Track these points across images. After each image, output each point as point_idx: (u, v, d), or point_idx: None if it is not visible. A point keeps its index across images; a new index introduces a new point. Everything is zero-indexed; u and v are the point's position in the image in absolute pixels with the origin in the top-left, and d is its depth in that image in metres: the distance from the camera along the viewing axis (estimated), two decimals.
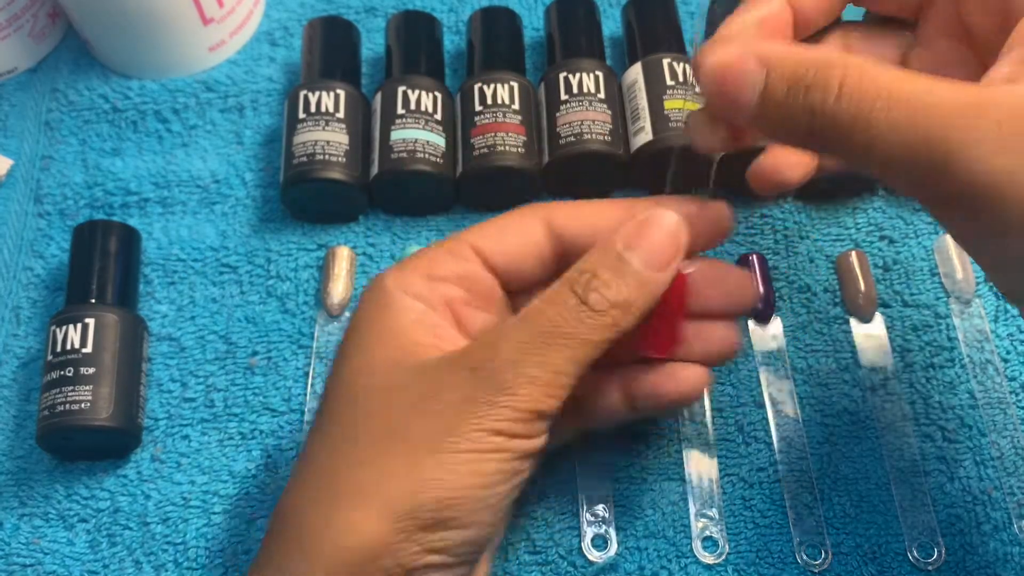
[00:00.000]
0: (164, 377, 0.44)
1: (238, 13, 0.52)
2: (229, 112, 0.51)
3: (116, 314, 0.42)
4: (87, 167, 0.49)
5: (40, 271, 0.47)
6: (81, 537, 0.40)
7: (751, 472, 0.41)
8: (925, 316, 0.44)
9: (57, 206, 0.48)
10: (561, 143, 0.45)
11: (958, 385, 0.42)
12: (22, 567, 0.40)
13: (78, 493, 0.41)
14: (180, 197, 0.48)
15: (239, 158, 0.49)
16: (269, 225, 0.47)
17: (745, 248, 0.46)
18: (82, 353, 0.40)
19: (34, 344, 0.45)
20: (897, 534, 0.39)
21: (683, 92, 0.46)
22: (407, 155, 0.45)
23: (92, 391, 0.40)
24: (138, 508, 0.41)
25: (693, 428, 0.41)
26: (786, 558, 0.39)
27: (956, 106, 0.26)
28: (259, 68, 0.52)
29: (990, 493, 0.40)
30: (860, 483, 0.40)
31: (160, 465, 0.42)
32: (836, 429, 0.41)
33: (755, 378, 0.43)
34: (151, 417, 0.43)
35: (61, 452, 0.42)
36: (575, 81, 0.46)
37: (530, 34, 0.53)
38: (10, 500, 0.41)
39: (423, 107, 0.46)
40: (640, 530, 0.40)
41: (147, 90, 0.51)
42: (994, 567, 0.38)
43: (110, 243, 0.44)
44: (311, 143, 0.45)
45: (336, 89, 0.46)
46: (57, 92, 0.52)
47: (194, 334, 0.45)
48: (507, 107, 0.46)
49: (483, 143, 0.45)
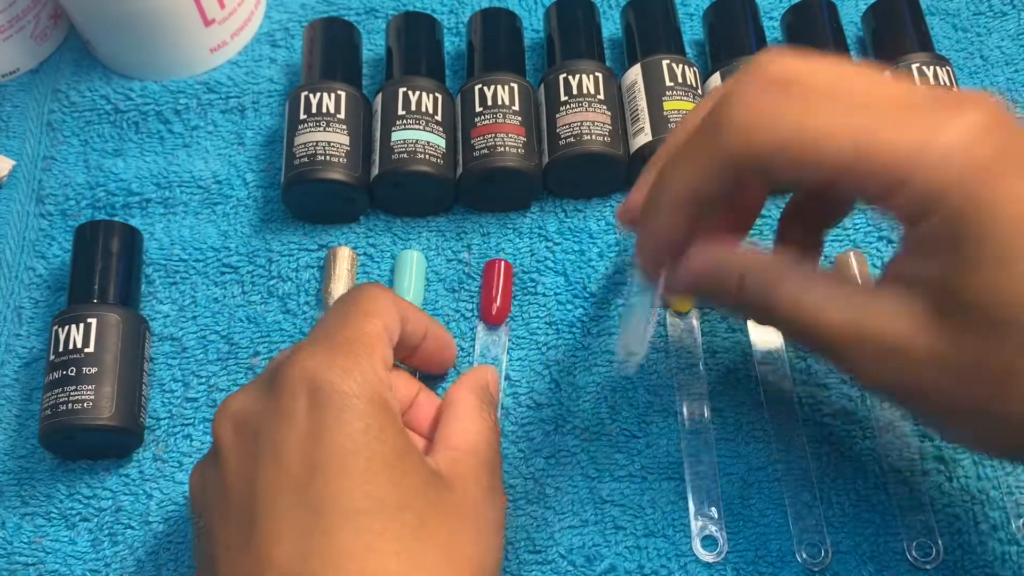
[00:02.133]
0: (166, 377, 0.44)
1: (239, 14, 0.52)
2: (230, 113, 0.51)
3: (118, 314, 0.42)
4: (89, 168, 0.50)
5: (42, 271, 0.47)
6: (83, 536, 0.41)
7: (750, 471, 0.41)
8: None
9: (59, 206, 0.49)
10: (561, 144, 0.45)
11: None
12: (24, 566, 0.40)
13: (80, 492, 0.41)
14: (182, 198, 0.48)
15: (240, 159, 0.50)
16: (270, 225, 0.47)
17: None
18: (84, 353, 0.41)
19: (36, 344, 0.45)
20: (896, 533, 0.39)
21: (683, 93, 0.46)
22: (408, 156, 0.45)
23: (94, 391, 0.40)
24: (140, 507, 0.41)
25: (693, 426, 0.42)
26: (785, 557, 0.39)
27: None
28: (260, 69, 0.52)
29: (988, 493, 0.40)
30: (859, 482, 0.40)
31: (162, 464, 0.42)
32: (835, 429, 0.42)
33: (754, 378, 0.43)
34: (153, 417, 0.43)
35: (63, 451, 0.42)
36: (575, 82, 0.46)
37: (530, 35, 0.53)
38: (12, 499, 0.41)
39: (423, 108, 0.46)
40: (640, 529, 0.40)
41: (149, 91, 0.51)
42: (992, 566, 0.39)
43: (112, 243, 0.44)
44: (312, 144, 0.45)
45: (337, 90, 0.46)
46: (59, 93, 0.52)
47: (196, 334, 0.45)
48: (507, 108, 0.46)
49: (483, 144, 0.45)
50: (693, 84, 0.47)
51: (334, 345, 0.33)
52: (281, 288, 0.46)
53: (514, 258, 0.46)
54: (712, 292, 0.33)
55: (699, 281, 0.33)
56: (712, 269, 0.32)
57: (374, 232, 0.47)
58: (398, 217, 0.47)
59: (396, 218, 0.47)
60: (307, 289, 0.46)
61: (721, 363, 0.43)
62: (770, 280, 0.31)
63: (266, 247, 0.47)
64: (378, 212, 0.48)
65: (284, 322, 0.45)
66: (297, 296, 0.45)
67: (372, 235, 0.47)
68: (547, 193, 0.48)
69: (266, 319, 0.45)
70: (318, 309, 0.45)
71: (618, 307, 0.45)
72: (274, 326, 0.45)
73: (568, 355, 0.44)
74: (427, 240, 0.47)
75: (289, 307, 0.45)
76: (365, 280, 0.46)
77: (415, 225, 0.47)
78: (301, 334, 0.44)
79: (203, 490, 0.33)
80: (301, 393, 0.31)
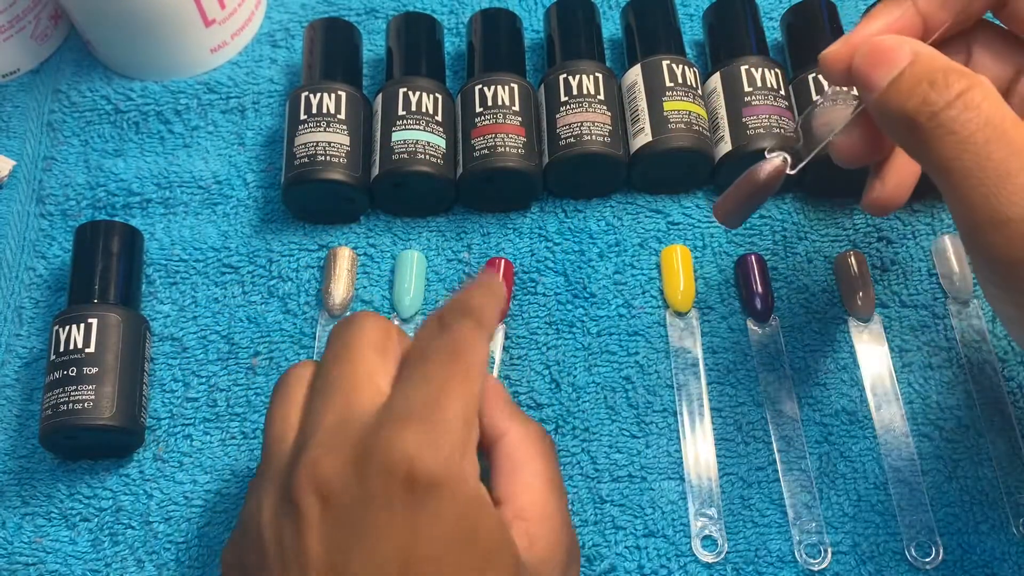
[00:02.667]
0: (166, 377, 0.44)
1: (240, 15, 0.52)
2: (231, 113, 0.51)
3: (119, 314, 0.42)
4: (89, 168, 0.50)
5: (42, 271, 0.47)
6: (83, 536, 0.41)
7: (750, 471, 0.41)
8: (923, 316, 0.44)
9: (59, 207, 0.49)
10: (561, 144, 0.45)
11: (956, 385, 0.42)
12: (24, 566, 0.40)
13: (80, 492, 0.41)
14: (182, 198, 0.48)
15: (240, 159, 0.50)
16: (270, 226, 0.48)
17: (744, 249, 0.46)
18: (85, 353, 0.41)
19: (36, 344, 0.45)
20: (895, 533, 0.39)
21: (683, 93, 0.46)
22: (408, 156, 0.45)
23: (95, 391, 0.40)
24: (140, 507, 0.41)
25: (692, 427, 0.42)
26: (785, 557, 0.39)
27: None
28: (260, 69, 0.52)
29: (988, 493, 0.40)
30: (858, 482, 0.40)
31: (162, 464, 0.42)
32: (834, 428, 0.42)
33: (754, 377, 0.43)
34: (153, 417, 0.43)
35: (64, 451, 0.42)
36: (575, 83, 0.46)
37: (530, 36, 0.53)
38: (13, 499, 0.41)
39: (424, 108, 0.46)
40: (640, 529, 0.40)
41: (149, 91, 0.51)
42: (992, 566, 0.39)
43: (112, 243, 0.44)
44: (312, 144, 0.45)
45: (337, 90, 0.46)
46: (59, 93, 0.52)
47: (196, 334, 0.45)
48: (507, 108, 0.46)
49: (483, 144, 0.45)
50: (693, 84, 0.47)
51: (435, 423, 0.30)
52: (281, 288, 0.46)
53: (514, 258, 0.46)
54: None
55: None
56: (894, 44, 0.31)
57: (374, 232, 0.47)
58: (398, 217, 0.47)
59: (396, 218, 0.47)
60: (307, 289, 0.46)
61: (721, 363, 0.43)
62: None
63: (266, 247, 0.47)
64: (378, 212, 0.48)
65: (284, 322, 0.45)
66: (297, 296, 0.45)
67: (372, 235, 0.47)
68: (547, 193, 0.48)
69: (266, 319, 0.45)
70: (318, 309, 0.45)
71: (618, 307, 0.45)
72: (274, 326, 0.45)
73: (568, 355, 0.44)
74: (427, 240, 0.47)
75: (289, 307, 0.45)
76: (365, 280, 0.46)
77: (415, 225, 0.47)
78: (302, 334, 0.44)
79: (276, 542, 0.30)
80: (398, 478, 0.29)
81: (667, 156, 0.45)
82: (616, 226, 0.47)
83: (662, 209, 0.47)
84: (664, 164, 0.45)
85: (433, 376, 0.31)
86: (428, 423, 0.30)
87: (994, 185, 0.29)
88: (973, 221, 0.30)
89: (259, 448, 0.42)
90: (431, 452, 0.29)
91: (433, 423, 0.30)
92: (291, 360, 0.44)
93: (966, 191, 0.29)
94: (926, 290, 0.45)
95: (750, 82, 0.46)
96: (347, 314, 0.45)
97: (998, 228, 0.29)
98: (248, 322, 0.45)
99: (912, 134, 0.30)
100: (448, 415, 0.30)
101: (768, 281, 0.45)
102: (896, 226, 0.46)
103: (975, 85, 0.30)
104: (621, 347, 0.44)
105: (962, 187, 0.29)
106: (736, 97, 0.46)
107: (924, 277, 0.45)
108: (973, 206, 0.29)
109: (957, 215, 0.31)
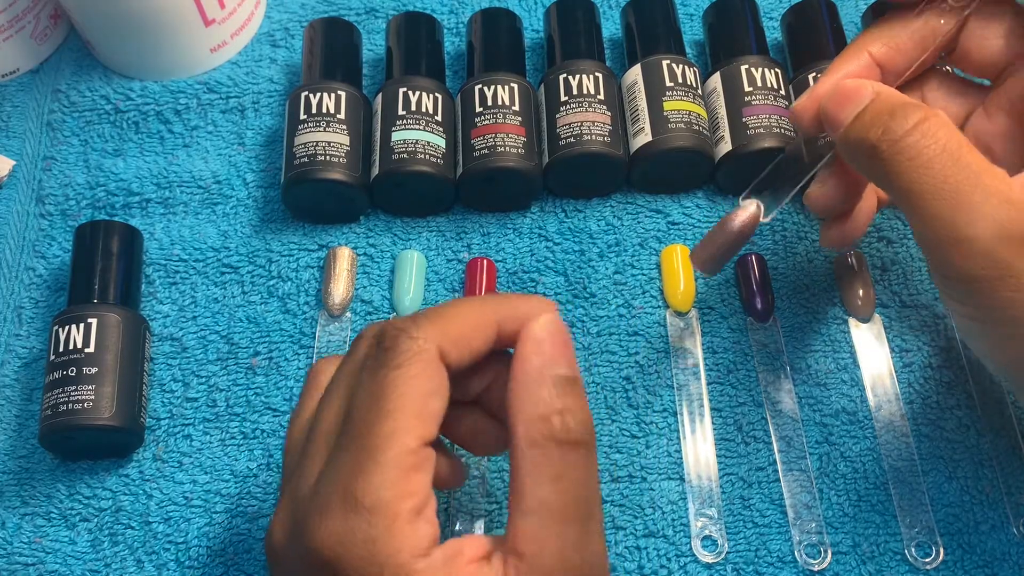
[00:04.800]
0: (166, 377, 0.44)
1: (239, 14, 0.52)
2: (230, 113, 0.51)
3: (118, 314, 0.42)
4: (89, 168, 0.50)
5: (42, 271, 0.47)
6: (83, 536, 0.41)
7: (750, 471, 0.41)
8: (923, 316, 0.44)
9: (59, 206, 0.49)
10: (561, 144, 0.45)
11: (956, 385, 0.42)
12: (24, 566, 0.40)
13: (80, 492, 0.41)
14: (182, 198, 0.48)
15: (240, 159, 0.50)
16: (270, 225, 0.47)
17: (745, 249, 0.46)
18: (84, 353, 0.41)
19: (36, 344, 0.45)
20: (895, 533, 0.39)
21: (683, 93, 0.46)
22: (408, 156, 0.45)
23: (94, 391, 0.40)
24: (140, 507, 0.41)
25: (692, 427, 0.42)
26: (785, 557, 0.39)
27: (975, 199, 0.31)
28: (260, 69, 0.52)
29: (988, 493, 0.40)
30: (859, 482, 0.40)
31: (162, 464, 0.42)
32: (835, 428, 0.42)
33: (754, 378, 0.43)
34: (153, 417, 0.43)
35: (63, 451, 0.42)
36: (575, 82, 0.46)
37: (530, 35, 0.53)
38: (12, 499, 0.41)
39: (424, 108, 0.46)
40: (640, 529, 0.40)
41: (149, 91, 0.51)
42: (992, 566, 0.39)
43: (112, 243, 0.44)
44: (312, 144, 0.45)
45: (337, 90, 0.46)
46: (59, 93, 0.52)
47: (196, 334, 0.45)
48: (507, 108, 0.46)
49: (483, 144, 0.45)
50: (693, 84, 0.47)
51: (356, 507, 0.28)
52: (281, 288, 0.46)
53: (514, 258, 0.46)
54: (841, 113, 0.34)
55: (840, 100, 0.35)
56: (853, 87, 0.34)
57: (374, 232, 0.47)
58: (398, 217, 0.47)
59: (396, 218, 0.47)
60: (307, 289, 0.46)
61: (721, 363, 0.43)
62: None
63: (266, 247, 0.47)
64: (378, 212, 0.48)
65: (284, 322, 0.45)
66: (297, 296, 0.45)
67: (372, 235, 0.47)
68: (547, 193, 0.48)
69: (266, 319, 0.45)
70: (318, 309, 0.45)
71: (618, 307, 0.45)
72: (274, 326, 0.45)
73: None
74: (427, 240, 0.47)
75: (289, 307, 0.45)
76: (365, 280, 0.46)
77: (415, 225, 0.47)
78: (301, 334, 0.44)
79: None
80: (320, 563, 0.28)
81: (667, 156, 0.45)
82: (616, 226, 0.47)
83: (662, 209, 0.47)
84: (664, 164, 0.45)
85: (348, 447, 0.29)
86: (343, 511, 0.28)
87: (951, 206, 0.31)
88: (934, 240, 0.32)
89: (259, 448, 0.42)
90: (350, 542, 0.28)
91: (347, 512, 0.28)
92: (290, 360, 0.44)
93: (927, 212, 0.32)
94: (926, 290, 0.45)
95: (750, 82, 0.46)
96: (347, 315, 0.45)
97: (956, 246, 0.31)
98: (248, 322, 0.45)
99: (875, 162, 0.33)
100: (367, 502, 0.28)
101: (768, 281, 0.45)
102: (896, 226, 0.46)
103: (931, 116, 0.32)
104: (621, 347, 0.44)
105: (923, 209, 0.32)
106: (736, 97, 0.46)
107: (924, 277, 0.45)
108: (933, 226, 0.32)
109: (919, 235, 0.33)
